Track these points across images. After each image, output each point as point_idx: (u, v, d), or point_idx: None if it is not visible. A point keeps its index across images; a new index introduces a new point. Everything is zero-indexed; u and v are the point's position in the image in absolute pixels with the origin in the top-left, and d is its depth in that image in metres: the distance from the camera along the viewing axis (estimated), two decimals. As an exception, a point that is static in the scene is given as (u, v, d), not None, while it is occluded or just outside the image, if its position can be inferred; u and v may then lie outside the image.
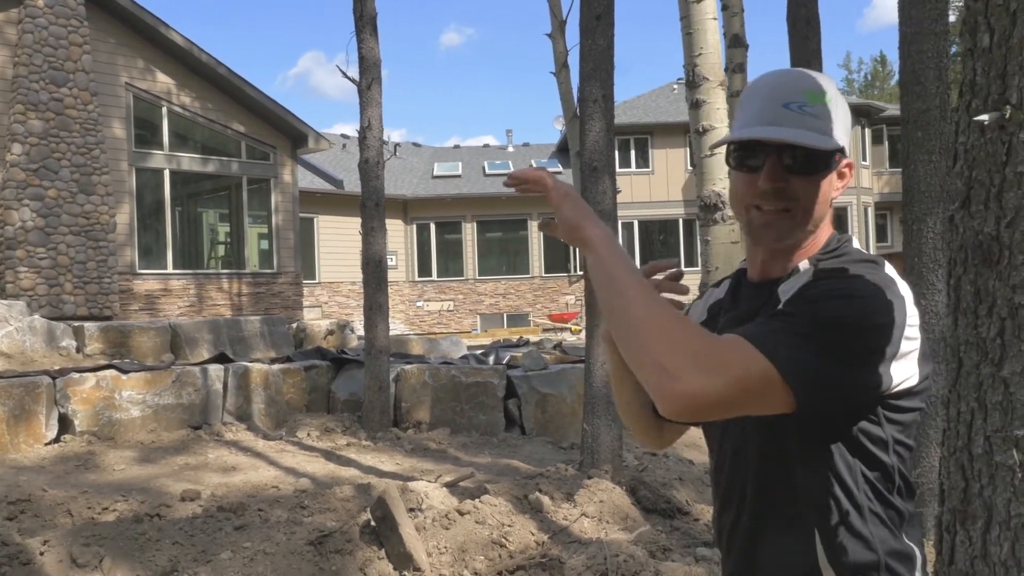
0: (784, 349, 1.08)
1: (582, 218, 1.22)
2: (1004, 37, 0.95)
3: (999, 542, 0.92)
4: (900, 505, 1.22)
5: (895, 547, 1.21)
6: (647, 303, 1.10)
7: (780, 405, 1.09)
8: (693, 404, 1.05)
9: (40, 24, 11.18)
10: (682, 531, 4.93)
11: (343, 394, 7.74)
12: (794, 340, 1.09)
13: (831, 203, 1.29)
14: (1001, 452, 0.92)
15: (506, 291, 24.61)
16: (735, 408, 1.09)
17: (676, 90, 26.39)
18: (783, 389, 1.07)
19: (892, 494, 1.22)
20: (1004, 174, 0.94)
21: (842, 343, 1.10)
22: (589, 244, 1.19)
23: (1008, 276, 0.93)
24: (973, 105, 1.00)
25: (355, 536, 4.02)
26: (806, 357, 1.08)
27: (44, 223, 11.06)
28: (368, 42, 7.44)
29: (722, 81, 4.61)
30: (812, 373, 1.08)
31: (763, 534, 1.28)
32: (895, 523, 1.22)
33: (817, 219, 1.27)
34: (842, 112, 1.26)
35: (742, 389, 1.06)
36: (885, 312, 1.14)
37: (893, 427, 1.21)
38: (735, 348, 1.08)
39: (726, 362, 1.06)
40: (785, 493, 1.25)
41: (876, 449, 1.21)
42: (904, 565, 1.21)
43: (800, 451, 1.22)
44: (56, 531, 4.06)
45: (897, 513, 1.22)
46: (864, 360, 1.12)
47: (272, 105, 14.29)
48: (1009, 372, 0.92)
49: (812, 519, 1.22)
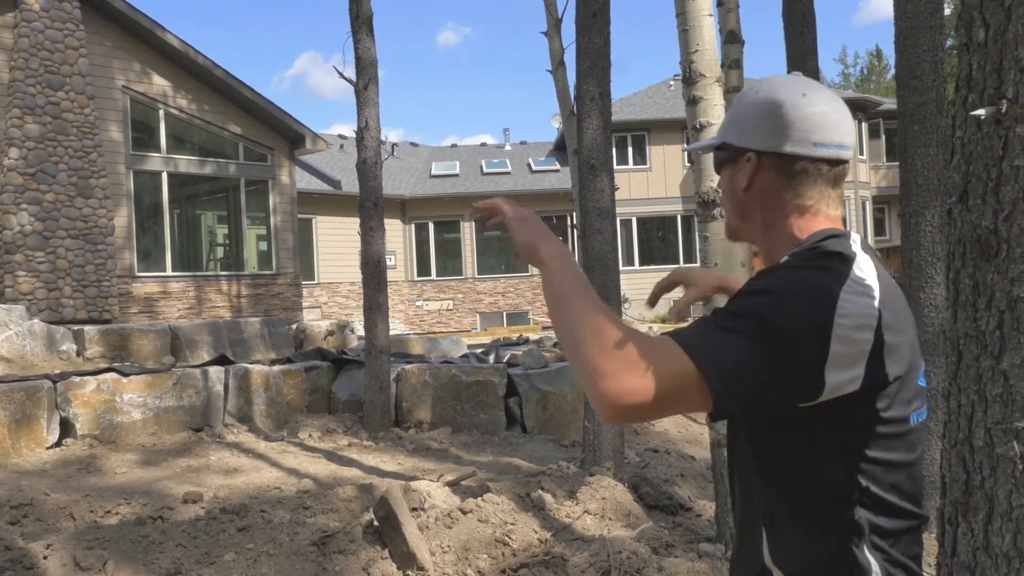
0: (706, 347, 1.09)
1: (537, 238, 1.28)
2: (999, 32, 0.96)
3: (1001, 533, 0.93)
4: (862, 517, 1.18)
5: (842, 558, 1.18)
6: (585, 311, 1.14)
7: (704, 403, 1.10)
8: (623, 405, 1.07)
9: (36, 28, 11.17)
10: (684, 527, 4.94)
11: (344, 395, 7.74)
12: (716, 336, 1.11)
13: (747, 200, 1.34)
14: (1002, 444, 0.93)
15: (505, 290, 24.61)
16: (666, 407, 1.10)
17: (672, 86, 26.38)
18: (703, 386, 1.08)
19: (853, 506, 1.18)
20: (1001, 168, 0.95)
21: (760, 339, 1.09)
22: (542, 262, 1.25)
23: (1006, 269, 0.93)
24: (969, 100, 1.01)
25: (358, 536, 4.03)
26: (724, 352, 1.09)
27: (42, 227, 11.05)
28: (364, 42, 7.44)
29: (718, 77, 4.60)
30: (729, 368, 1.08)
31: (740, 528, 1.35)
32: (851, 534, 1.18)
33: (737, 211, 1.37)
34: (743, 108, 1.35)
35: (668, 388, 1.07)
36: (811, 311, 1.11)
37: (842, 435, 1.17)
38: (662, 348, 1.09)
39: (653, 362, 1.07)
40: (749, 491, 1.29)
41: (829, 458, 1.18)
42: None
43: (753, 453, 1.26)
44: (59, 535, 4.06)
45: (854, 525, 1.18)
46: (782, 359, 1.10)
47: (269, 106, 14.29)
48: (1008, 364, 0.93)
49: (760, 519, 1.26)
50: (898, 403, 1.17)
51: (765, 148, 1.30)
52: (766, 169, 1.31)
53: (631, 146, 25.24)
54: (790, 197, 1.31)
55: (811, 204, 1.30)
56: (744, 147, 1.33)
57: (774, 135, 1.29)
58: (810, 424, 1.17)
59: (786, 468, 1.22)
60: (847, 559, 1.18)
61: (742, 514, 1.34)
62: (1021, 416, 0.93)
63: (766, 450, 1.24)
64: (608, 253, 5.53)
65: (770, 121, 1.30)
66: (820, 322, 1.10)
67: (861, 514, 1.18)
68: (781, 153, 1.29)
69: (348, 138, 25.04)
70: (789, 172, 1.30)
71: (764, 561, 1.25)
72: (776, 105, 1.30)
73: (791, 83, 1.32)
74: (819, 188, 1.30)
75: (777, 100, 1.30)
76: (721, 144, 1.37)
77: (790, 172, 1.30)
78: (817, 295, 1.13)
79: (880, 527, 1.18)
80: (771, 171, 1.31)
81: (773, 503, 1.24)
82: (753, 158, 1.32)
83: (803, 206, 1.30)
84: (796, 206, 1.30)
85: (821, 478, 1.19)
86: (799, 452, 1.20)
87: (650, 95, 27.08)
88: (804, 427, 1.17)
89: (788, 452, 1.21)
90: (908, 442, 1.20)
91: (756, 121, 1.32)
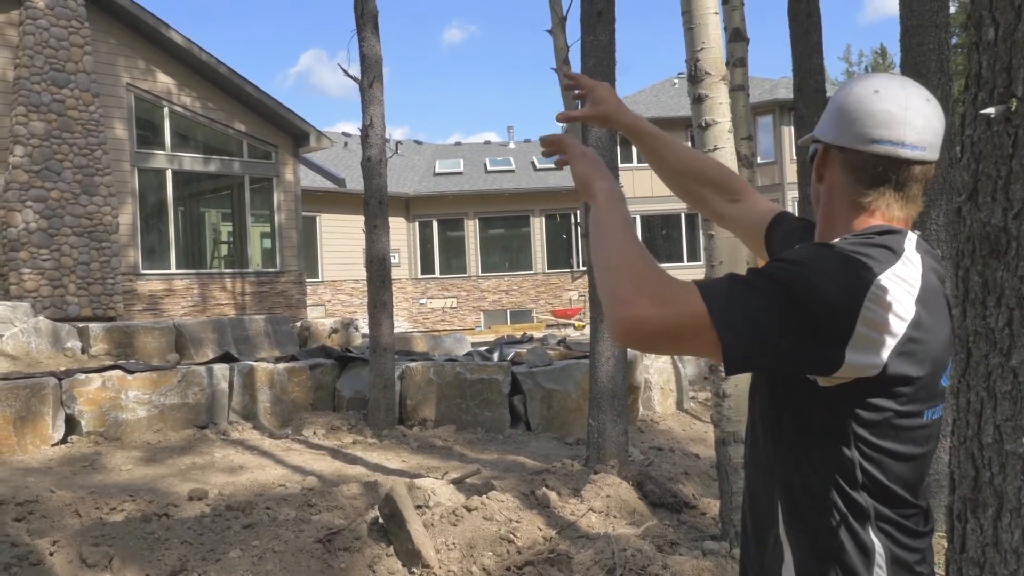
0: (724, 298, 1.14)
1: (592, 173, 1.39)
2: (1009, 31, 0.96)
3: (1010, 529, 0.93)
4: (863, 501, 1.22)
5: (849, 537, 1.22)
6: (623, 245, 1.22)
7: (712, 350, 1.14)
8: (634, 328, 1.14)
9: (41, 26, 11.19)
10: (689, 525, 4.94)
11: (348, 392, 7.75)
12: (738, 290, 1.15)
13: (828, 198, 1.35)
14: (1011, 440, 0.93)
15: (509, 288, 24.62)
16: (674, 342, 1.18)
17: (677, 84, 26.35)
18: (713, 334, 1.13)
19: (855, 489, 1.22)
20: (1011, 166, 0.95)
21: (781, 305, 1.13)
22: (593, 195, 1.36)
23: (1016, 267, 0.94)
24: (979, 98, 1.01)
25: (363, 533, 4.04)
26: (741, 308, 1.13)
27: (47, 224, 11.08)
28: (369, 40, 7.44)
29: (724, 75, 4.60)
30: (740, 323, 1.13)
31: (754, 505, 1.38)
32: (857, 516, 1.22)
33: (826, 209, 1.37)
34: (836, 104, 1.34)
35: (679, 326, 1.14)
36: (841, 291, 1.14)
37: (854, 421, 1.20)
38: (684, 290, 1.16)
39: (672, 299, 1.14)
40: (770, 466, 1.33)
41: (834, 440, 1.22)
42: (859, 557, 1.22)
43: (774, 428, 1.30)
44: (65, 532, 4.08)
45: (858, 508, 1.22)
46: (801, 328, 1.13)
47: (273, 104, 14.30)
48: (1018, 361, 0.93)
49: (777, 493, 1.30)
50: (916, 399, 1.19)
51: (831, 141, 1.33)
52: (833, 163, 1.33)
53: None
54: (850, 193, 1.32)
55: (868, 202, 1.30)
56: (819, 139, 1.36)
57: (839, 129, 1.32)
58: (827, 405, 1.20)
59: (802, 445, 1.25)
60: (853, 538, 1.22)
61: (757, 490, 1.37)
62: (1031, 413, 0.93)
63: (786, 425, 1.27)
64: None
65: (839, 115, 1.32)
66: (849, 302, 1.13)
67: (861, 497, 1.22)
68: (843, 148, 1.31)
69: (352, 136, 25.05)
70: (850, 168, 1.31)
71: (779, 533, 1.29)
72: (848, 100, 1.32)
73: (876, 80, 1.32)
74: (878, 187, 1.29)
75: (852, 95, 1.31)
76: (813, 138, 1.41)
77: (851, 168, 1.31)
78: (852, 276, 1.15)
79: (883, 513, 1.22)
80: (837, 166, 1.33)
81: (790, 478, 1.27)
82: (822, 150, 1.35)
83: (859, 203, 1.31)
84: (853, 203, 1.31)
85: (832, 459, 1.23)
86: (813, 431, 1.24)
87: (655, 93, 27.05)
88: (821, 407, 1.21)
89: (804, 430, 1.25)
90: (918, 436, 1.22)
91: (830, 115, 1.35)
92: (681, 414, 8.25)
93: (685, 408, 8.47)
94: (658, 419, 7.86)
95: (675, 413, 8.22)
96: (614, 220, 1.28)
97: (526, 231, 24.85)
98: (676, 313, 1.14)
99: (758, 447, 1.36)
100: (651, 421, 7.76)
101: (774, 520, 1.30)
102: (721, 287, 1.17)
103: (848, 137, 1.29)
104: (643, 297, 1.14)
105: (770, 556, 1.31)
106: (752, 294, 1.14)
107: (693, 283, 1.18)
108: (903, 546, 1.22)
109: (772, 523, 1.31)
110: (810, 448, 1.25)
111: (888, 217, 1.29)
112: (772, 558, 1.31)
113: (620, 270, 1.18)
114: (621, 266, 1.19)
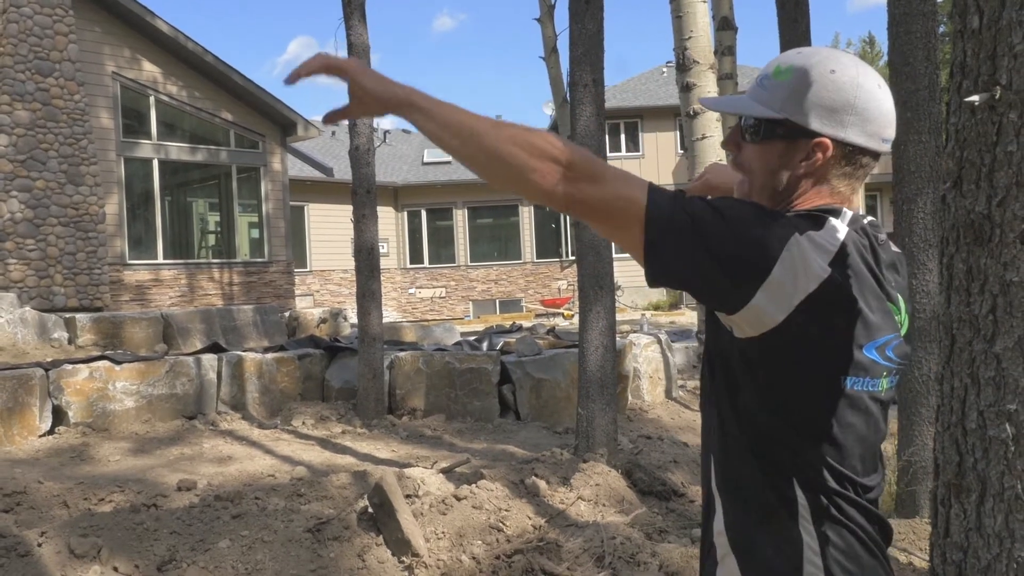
0: (665, 201, 1.19)
1: (389, 83, 1.24)
2: (993, 19, 0.96)
3: (993, 514, 0.94)
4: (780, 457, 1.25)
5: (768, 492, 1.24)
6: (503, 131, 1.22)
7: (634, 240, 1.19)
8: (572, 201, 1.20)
9: (25, 14, 11.07)
10: (678, 513, 4.97)
11: (337, 382, 7.75)
12: (677, 204, 1.19)
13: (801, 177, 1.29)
14: (994, 426, 0.94)
15: (498, 277, 24.62)
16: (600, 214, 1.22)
17: (665, 73, 26.32)
18: (640, 223, 1.17)
19: (772, 446, 1.25)
20: (995, 154, 0.96)
21: (710, 230, 1.16)
22: (410, 103, 1.23)
23: (1000, 254, 0.94)
24: (964, 86, 1.02)
25: (353, 523, 4.04)
26: (675, 214, 1.17)
27: (33, 214, 10.99)
28: (357, 28, 7.40)
29: (712, 64, 4.60)
30: (666, 223, 1.17)
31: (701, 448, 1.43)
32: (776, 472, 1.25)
33: (766, 188, 1.31)
34: (815, 89, 1.26)
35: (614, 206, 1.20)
36: (763, 238, 1.16)
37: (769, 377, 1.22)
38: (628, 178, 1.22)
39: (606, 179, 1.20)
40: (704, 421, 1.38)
41: (752, 396, 1.24)
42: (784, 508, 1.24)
43: (704, 384, 1.35)
44: (53, 523, 4.06)
45: (778, 464, 1.25)
46: (721, 257, 1.16)
47: (260, 93, 14.22)
48: (1001, 348, 0.94)
49: (710, 447, 1.34)
50: (827, 361, 1.21)
51: (834, 135, 1.26)
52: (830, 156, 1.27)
53: (624, 133, 25.20)
54: (835, 184, 1.29)
55: (843, 191, 1.30)
56: (815, 130, 1.26)
57: (850, 124, 1.26)
58: (744, 359, 1.23)
59: (728, 401, 1.28)
60: (776, 492, 1.24)
61: (702, 444, 1.41)
62: (1013, 398, 0.94)
63: (718, 381, 1.31)
64: (601, 240, 5.54)
65: (851, 109, 1.25)
66: (773, 245, 1.16)
67: (786, 456, 1.24)
68: (845, 142, 1.27)
69: (340, 125, 24.92)
70: (844, 162, 1.28)
71: (711, 488, 1.32)
72: (858, 93, 1.26)
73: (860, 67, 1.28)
74: (851, 175, 1.30)
75: (861, 87, 1.26)
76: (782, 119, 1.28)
77: (845, 162, 1.28)
78: (780, 227, 1.18)
79: (805, 472, 1.24)
80: (832, 158, 1.28)
81: (719, 433, 1.31)
82: (827, 143, 1.26)
83: (839, 193, 1.30)
84: (830, 191, 1.29)
85: (751, 415, 1.25)
86: (735, 386, 1.27)
87: (643, 82, 27.03)
88: (739, 360, 1.24)
89: (729, 386, 1.28)
90: (838, 404, 1.23)
91: (834, 105, 1.26)
92: (670, 403, 8.28)
93: (674, 397, 8.50)
94: (647, 408, 7.88)
95: (664, 402, 8.25)
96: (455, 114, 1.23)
97: (515, 220, 24.83)
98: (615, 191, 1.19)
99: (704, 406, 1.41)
100: (640, 410, 7.78)
101: (709, 475, 1.34)
102: (665, 192, 1.20)
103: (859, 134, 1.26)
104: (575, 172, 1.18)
105: (706, 510, 1.36)
106: (682, 204, 1.19)
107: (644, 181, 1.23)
108: (829, 502, 1.23)
109: (708, 478, 1.35)
110: (733, 403, 1.27)
111: (840, 198, 1.31)
112: (707, 511, 1.35)
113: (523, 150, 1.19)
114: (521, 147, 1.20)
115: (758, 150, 1.31)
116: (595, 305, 5.53)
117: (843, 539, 1.23)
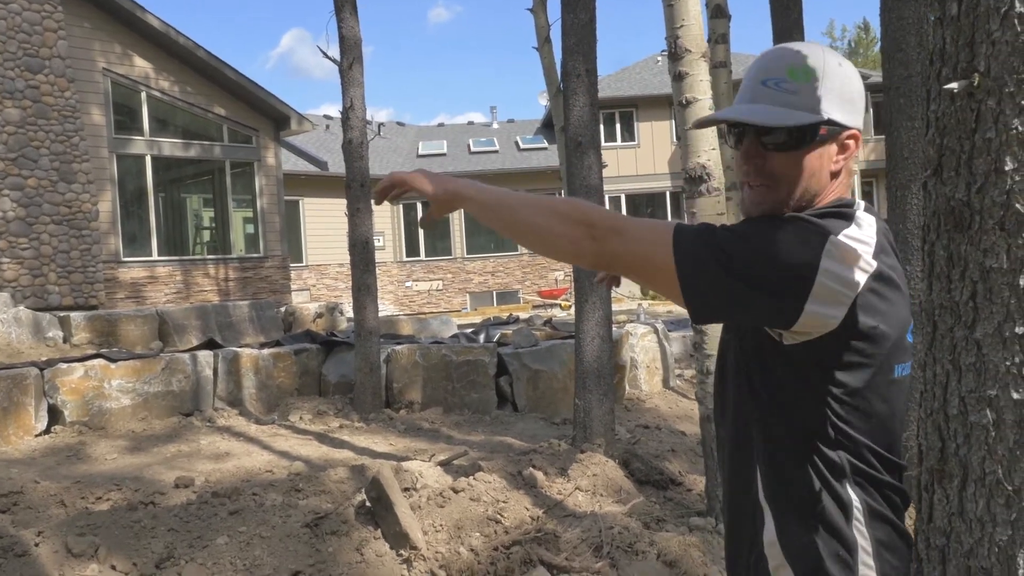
0: (689, 239, 1.21)
1: (438, 179, 1.39)
2: (972, 5, 0.96)
3: (975, 499, 0.95)
4: (838, 458, 1.24)
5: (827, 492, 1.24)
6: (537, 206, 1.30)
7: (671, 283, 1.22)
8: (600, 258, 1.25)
9: (13, 10, 11.01)
10: (675, 502, 4.99)
11: (334, 377, 7.75)
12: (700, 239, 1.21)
13: (833, 174, 1.31)
14: (975, 412, 0.95)
15: (495, 269, 24.61)
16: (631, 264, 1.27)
17: (660, 62, 26.27)
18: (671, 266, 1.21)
19: (830, 447, 1.24)
20: (974, 141, 0.96)
21: (739, 257, 1.18)
22: (461, 196, 1.37)
23: (979, 240, 0.95)
24: (943, 73, 1.02)
25: (351, 517, 4.05)
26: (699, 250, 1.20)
27: (25, 213, 10.96)
28: (348, 21, 7.37)
29: (704, 52, 4.59)
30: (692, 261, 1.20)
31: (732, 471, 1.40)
32: (832, 474, 1.25)
33: (806, 193, 1.29)
34: (836, 85, 1.28)
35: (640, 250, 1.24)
36: (797, 249, 1.18)
37: (822, 378, 1.22)
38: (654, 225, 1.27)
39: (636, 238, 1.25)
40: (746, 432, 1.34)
41: (806, 399, 1.24)
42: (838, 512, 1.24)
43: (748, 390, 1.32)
44: (50, 522, 4.06)
45: (834, 465, 1.25)
46: (757, 282, 1.17)
47: (253, 87, 14.17)
48: (982, 334, 0.94)
49: (755, 457, 1.32)
50: (882, 354, 1.23)
51: (855, 124, 1.32)
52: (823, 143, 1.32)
53: (619, 122, 25.17)
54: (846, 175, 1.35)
55: (848, 181, 1.36)
56: (848, 125, 1.31)
57: (858, 111, 1.32)
58: (794, 364, 1.23)
59: (776, 407, 1.27)
60: (831, 495, 1.24)
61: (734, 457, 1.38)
62: (994, 384, 0.94)
63: (757, 387, 1.29)
64: (595, 231, 5.54)
65: (860, 97, 1.32)
66: (808, 255, 1.17)
67: (842, 455, 1.24)
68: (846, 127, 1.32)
69: (334, 118, 24.85)
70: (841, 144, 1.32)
71: (758, 498, 1.30)
72: (859, 82, 1.32)
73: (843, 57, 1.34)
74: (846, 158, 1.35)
75: (856, 76, 1.32)
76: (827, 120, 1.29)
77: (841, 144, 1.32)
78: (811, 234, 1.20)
79: (858, 468, 1.25)
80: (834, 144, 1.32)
81: (766, 441, 1.29)
82: (858, 134, 1.32)
83: (846, 183, 1.36)
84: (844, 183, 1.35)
85: (806, 418, 1.25)
86: (785, 392, 1.26)
87: (637, 71, 26.98)
88: (788, 366, 1.24)
89: (776, 392, 1.27)
90: (890, 393, 1.26)
91: (852, 96, 1.31)
92: (667, 392, 8.30)
93: (671, 386, 8.52)
94: (644, 397, 7.90)
95: (661, 391, 8.27)
96: (511, 201, 1.32)
97: (511, 212, 24.77)
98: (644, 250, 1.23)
99: (727, 408, 1.39)
100: (637, 400, 7.80)
101: (751, 484, 1.32)
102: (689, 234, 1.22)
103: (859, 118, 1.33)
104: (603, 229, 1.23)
105: (749, 521, 1.33)
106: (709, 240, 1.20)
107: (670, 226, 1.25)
108: (879, 499, 1.26)
109: (748, 491, 1.32)
110: (783, 409, 1.26)
111: (847, 188, 1.35)
112: (753, 523, 1.32)
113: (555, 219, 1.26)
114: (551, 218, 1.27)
115: (794, 157, 1.28)
116: (591, 295, 5.53)
117: (890, 537, 1.25)
